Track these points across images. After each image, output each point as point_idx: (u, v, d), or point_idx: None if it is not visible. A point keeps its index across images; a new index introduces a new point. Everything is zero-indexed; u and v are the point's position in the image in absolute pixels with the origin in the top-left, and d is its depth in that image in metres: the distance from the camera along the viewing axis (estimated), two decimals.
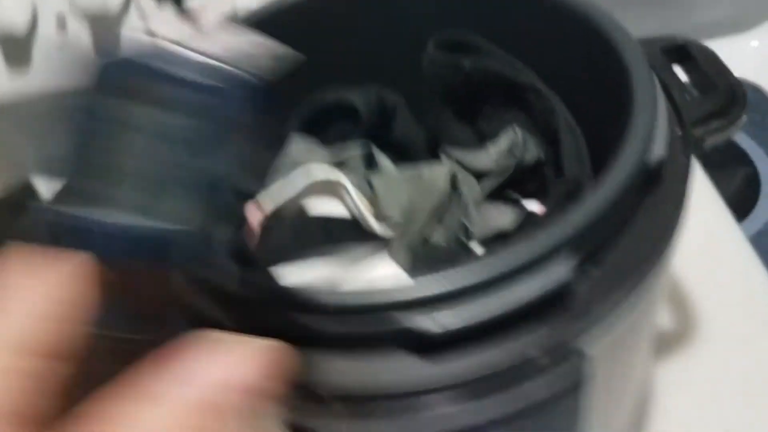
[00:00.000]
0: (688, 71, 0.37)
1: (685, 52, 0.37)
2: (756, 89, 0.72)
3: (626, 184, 0.28)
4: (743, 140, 0.67)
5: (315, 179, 0.40)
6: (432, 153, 0.46)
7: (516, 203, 0.42)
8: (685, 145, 0.32)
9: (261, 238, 0.39)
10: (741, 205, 0.62)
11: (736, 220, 0.61)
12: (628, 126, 0.30)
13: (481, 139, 0.45)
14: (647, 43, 0.37)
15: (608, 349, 0.30)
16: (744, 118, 0.34)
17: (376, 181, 0.42)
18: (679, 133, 0.33)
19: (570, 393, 0.28)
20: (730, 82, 0.35)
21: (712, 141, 0.34)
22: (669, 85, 0.35)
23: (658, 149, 0.30)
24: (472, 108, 0.44)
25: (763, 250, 0.58)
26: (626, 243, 0.29)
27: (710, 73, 0.35)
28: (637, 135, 0.29)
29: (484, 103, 0.44)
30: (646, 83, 0.31)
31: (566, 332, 0.27)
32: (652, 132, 0.30)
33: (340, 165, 0.43)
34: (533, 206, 0.42)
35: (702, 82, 0.36)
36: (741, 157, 0.66)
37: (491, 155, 0.42)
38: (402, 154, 0.47)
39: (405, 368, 0.27)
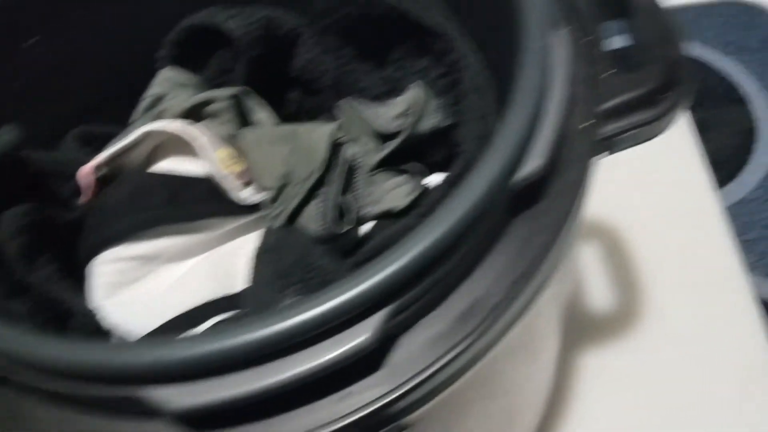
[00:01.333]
0: (629, 32, 0.28)
1: (625, 3, 0.27)
2: (759, 10, 0.59)
3: (464, 221, 0.20)
4: (743, 78, 0.56)
5: (148, 129, 0.32)
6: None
7: (417, 176, 0.34)
8: (585, 144, 0.24)
9: (92, 195, 0.33)
10: (733, 157, 0.53)
11: (724, 176, 0.52)
12: (497, 129, 0.22)
13: (392, 90, 0.37)
14: None
15: (442, 412, 0.23)
16: (681, 110, 0.25)
17: (248, 137, 0.34)
18: (586, 123, 0.25)
19: None
20: (673, 54, 0.26)
21: (628, 142, 0.25)
22: (587, 53, 0.26)
23: (535, 160, 0.22)
24: (380, 50, 0.36)
25: (745, 219, 0.50)
26: (472, 286, 0.22)
27: (651, 37, 0.26)
28: (500, 147, 0.21)
29: (391, 46, 0.35)
30: (532, 66, 0.23)
31: (370, 408, 0.21)
32: (528, 137, 0.22)
33: (211, 113, 0.36)
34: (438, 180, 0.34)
35: (640, 49, 0.27)
36: (738, 100, 0.55)
37: (391, 115, 0.34)
38: (310, 95, 0.39)
39: None
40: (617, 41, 0.34)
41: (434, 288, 0.21)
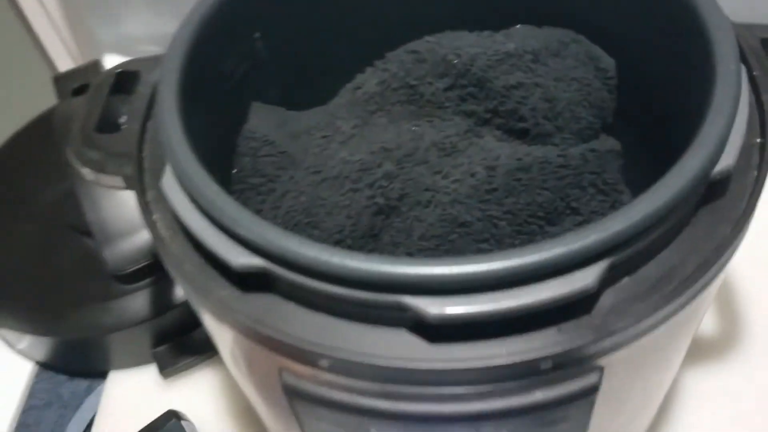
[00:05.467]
0: None
1: None
2: None
3: (680, 196, 0.25)
4: None
5: None
6: None
7: None
8: (761, 157, 0.29)
9: None
10: None
11: None
12: (700, 127, 0.27)
13: None
14: (746, 29, 0.33)
15: (625, 363, 0.27)
16: None
17: None
18: (758, 141, 0.29)
19: (575, 402, 0.27)
20: None
21: None
22: (760, 83, 0.31)
23: (727, 159, 0.27)
24: None
25: None
26: (668, 257, 0.27)
27: None
28: (706, 142, 0.26)
29: None
30: (730, 81, 0.27)
31: (581, 342, 0.25)
32: (725, 139, 0.27)
33: None
34: None
35: None
36: None
37: None
38: None
39: (401, 345, 0.25)
40: None
41: (641, 252, 0.26)
